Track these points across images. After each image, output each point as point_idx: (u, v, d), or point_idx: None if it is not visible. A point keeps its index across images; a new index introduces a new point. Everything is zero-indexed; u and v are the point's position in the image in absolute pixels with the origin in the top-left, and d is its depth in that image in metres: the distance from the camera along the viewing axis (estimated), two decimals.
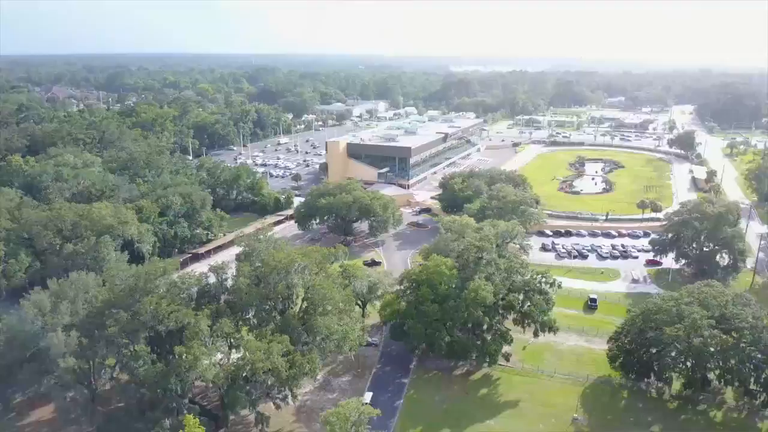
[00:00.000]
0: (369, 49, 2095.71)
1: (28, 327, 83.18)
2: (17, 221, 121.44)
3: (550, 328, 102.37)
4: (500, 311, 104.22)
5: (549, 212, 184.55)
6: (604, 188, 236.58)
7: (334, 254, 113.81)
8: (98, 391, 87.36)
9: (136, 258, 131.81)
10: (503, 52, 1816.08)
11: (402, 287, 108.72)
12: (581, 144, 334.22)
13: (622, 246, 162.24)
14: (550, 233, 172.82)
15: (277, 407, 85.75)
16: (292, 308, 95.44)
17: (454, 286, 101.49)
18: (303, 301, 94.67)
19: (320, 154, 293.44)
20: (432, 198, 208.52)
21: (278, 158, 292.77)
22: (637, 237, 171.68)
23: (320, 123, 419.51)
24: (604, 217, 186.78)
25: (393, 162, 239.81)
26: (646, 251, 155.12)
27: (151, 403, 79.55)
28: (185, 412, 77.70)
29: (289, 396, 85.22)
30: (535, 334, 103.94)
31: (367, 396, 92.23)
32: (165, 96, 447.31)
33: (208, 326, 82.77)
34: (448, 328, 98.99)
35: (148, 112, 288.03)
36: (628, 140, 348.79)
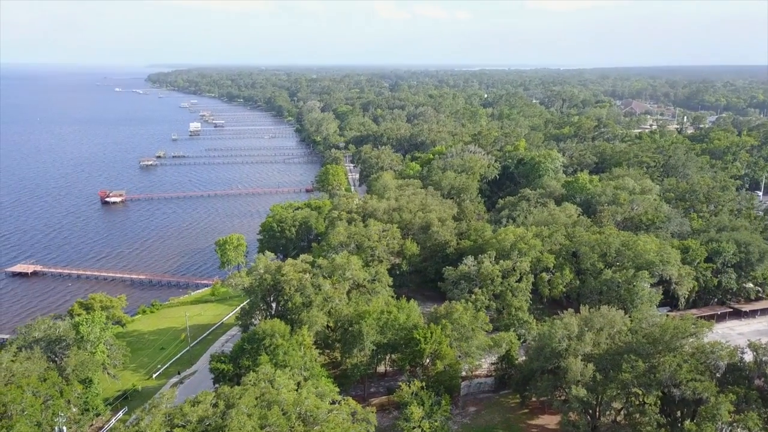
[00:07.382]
0: None
1: (555, 344, 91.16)
2: (570, 238, 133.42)
3: None
4: None
5: None
6: None
7: None
8: (599, 425, 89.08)
9: (669, 297, 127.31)
10: None
11: None
12: None
13: None
14: None
15: None
16: None
17: None
18: None
19: None
20: None
21: None
22: None
23: None
24: None
25: None
26: None
27: None
28: None
29: None
30: None
31: None
32: (747, 119, 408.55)
33: (729, 411, 73.23)
34: None
35: (722, 139, 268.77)
36: None
